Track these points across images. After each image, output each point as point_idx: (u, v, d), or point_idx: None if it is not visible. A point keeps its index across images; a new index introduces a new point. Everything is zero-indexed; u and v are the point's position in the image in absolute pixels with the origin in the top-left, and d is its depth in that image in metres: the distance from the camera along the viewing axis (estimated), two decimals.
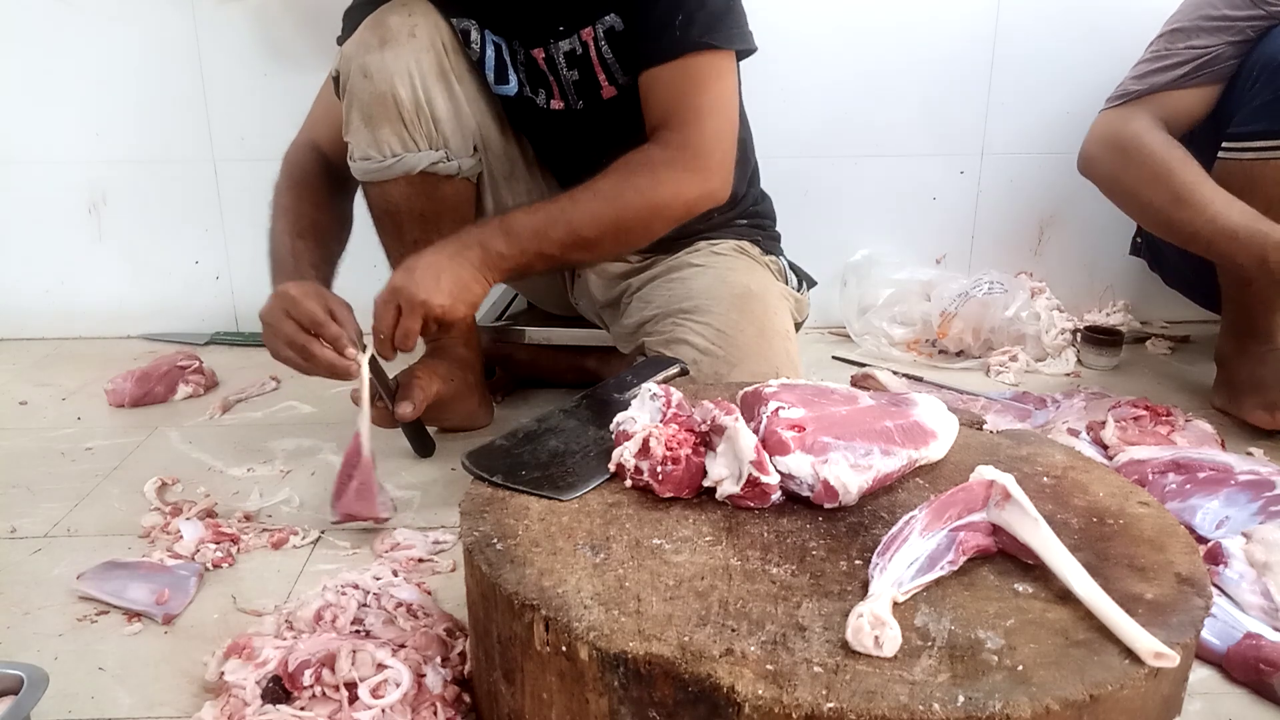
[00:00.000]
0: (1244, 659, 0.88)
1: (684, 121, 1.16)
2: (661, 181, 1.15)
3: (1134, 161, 1.37)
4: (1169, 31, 1.40)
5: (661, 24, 1.15)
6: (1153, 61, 1.40)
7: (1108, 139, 1.41)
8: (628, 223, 1.16)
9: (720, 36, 1.17)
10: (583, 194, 1.15)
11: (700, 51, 1.16)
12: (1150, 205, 1.36)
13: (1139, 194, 1.38)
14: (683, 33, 1.15)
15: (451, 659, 0.87)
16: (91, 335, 1.91)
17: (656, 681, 0.62)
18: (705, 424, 0.81)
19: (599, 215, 1.14)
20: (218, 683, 0.86)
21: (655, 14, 1.16)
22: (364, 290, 1.18)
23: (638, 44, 1.19)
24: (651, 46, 1.17)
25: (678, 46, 1.16)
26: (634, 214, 1.16)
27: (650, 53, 1.17)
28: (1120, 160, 1.39)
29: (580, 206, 1.14)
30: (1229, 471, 1.15)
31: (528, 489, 0.83)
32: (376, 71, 1.18)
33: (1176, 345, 1.80)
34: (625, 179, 1.15)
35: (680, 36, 1.15)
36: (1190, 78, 1.36)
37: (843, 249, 1.87)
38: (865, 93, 1.79)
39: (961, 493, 0.73)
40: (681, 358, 1.19)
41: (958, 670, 0.61)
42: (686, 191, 1.16)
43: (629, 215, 1.15)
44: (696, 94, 1.16)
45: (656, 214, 1.17)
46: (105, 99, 1.78)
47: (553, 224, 1.13)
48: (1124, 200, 1.43)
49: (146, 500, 1.22)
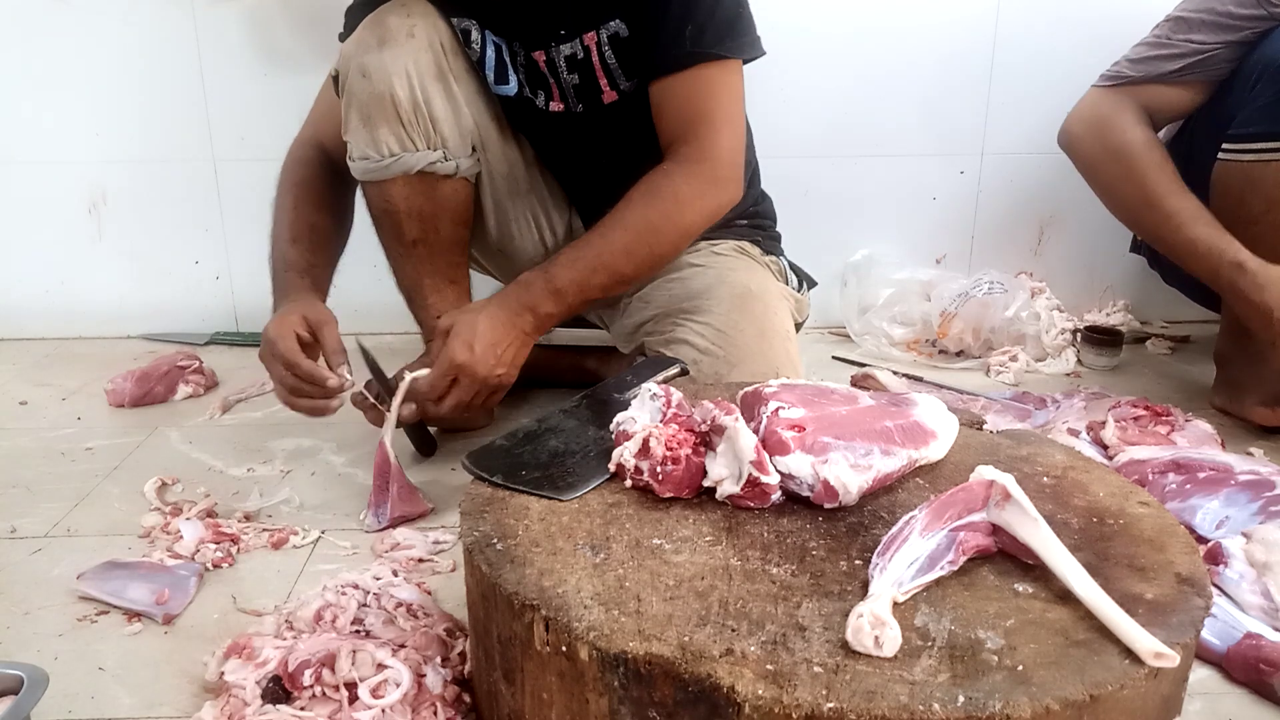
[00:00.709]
0: (1244, 659, 0.88)
1: (699, 135, 1.18)
2: (686, 202, 1.17)
3: (1113, 155, 1.40)
4: (1173, 19, 1.40)
5: (672, 33, 1.16)
6: (1152, 48, 1.40)
7: (1093, 122, 1.43)
8: (661, 250, 1.20)
9: (731, 46, 1.18)
10: (614, 231, 1.16)
11: (711, 62, 1.17)
12: (1123, 201, 1.41)
13: (1112, 188, 1.42)
14: (694, 43, 1.16)
15: (451, 659, 0.87)
16: (91, 335, 1.91)
17: (656, 681, 0.62)
18: (705, 424, 0.81)
19: (634, 251, 1.17)
20: (218, 683, 0.86)
21: (665, 22, 1.16)
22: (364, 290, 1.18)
23: (647, 53, 1.19)
24: (662, 56, 1.18)
25: (689, 57, 1.17)
26: (666, 240, 1.19)
27: (661, 62, 1.18)
28: (1100, 149, 1.42)
29: (615, 245, 1.16)
30: (1229, 471, 1.15)
31: (528, 489, 0.83)
32: (375, 71, 1.18)
33: (1176, 345, 1.80)
34: (651, 205, 1.16)
35: (692, 47, 1.16)
36: (1184, 74, 1.37)
37: (843, 249, 1.87)
38: (865, 93, 1.79)
39: (961, 493, 0.73)
40: (682, 358, 1.19)
41: (958, 670, 0.61)
42: (709, 205, 1.20)
43: (662, 243, 1.19)
44: (710, 105, 1.18)
45: (684, 233, 1.20)
46: (105, 99, 1.78)
47: (594, 272, 1.16)
48: (1098, 186, 1.47)
49: (146, 500, 1.22)
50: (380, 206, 1.27)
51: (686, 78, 1.17)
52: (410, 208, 1.25)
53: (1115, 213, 1.48)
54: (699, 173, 1.18)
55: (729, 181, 1.20)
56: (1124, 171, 1.38)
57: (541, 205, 1.36)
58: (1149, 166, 1.35)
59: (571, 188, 1.38)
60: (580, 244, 1.18)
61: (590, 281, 1.16)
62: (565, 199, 1.39)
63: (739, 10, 1.19)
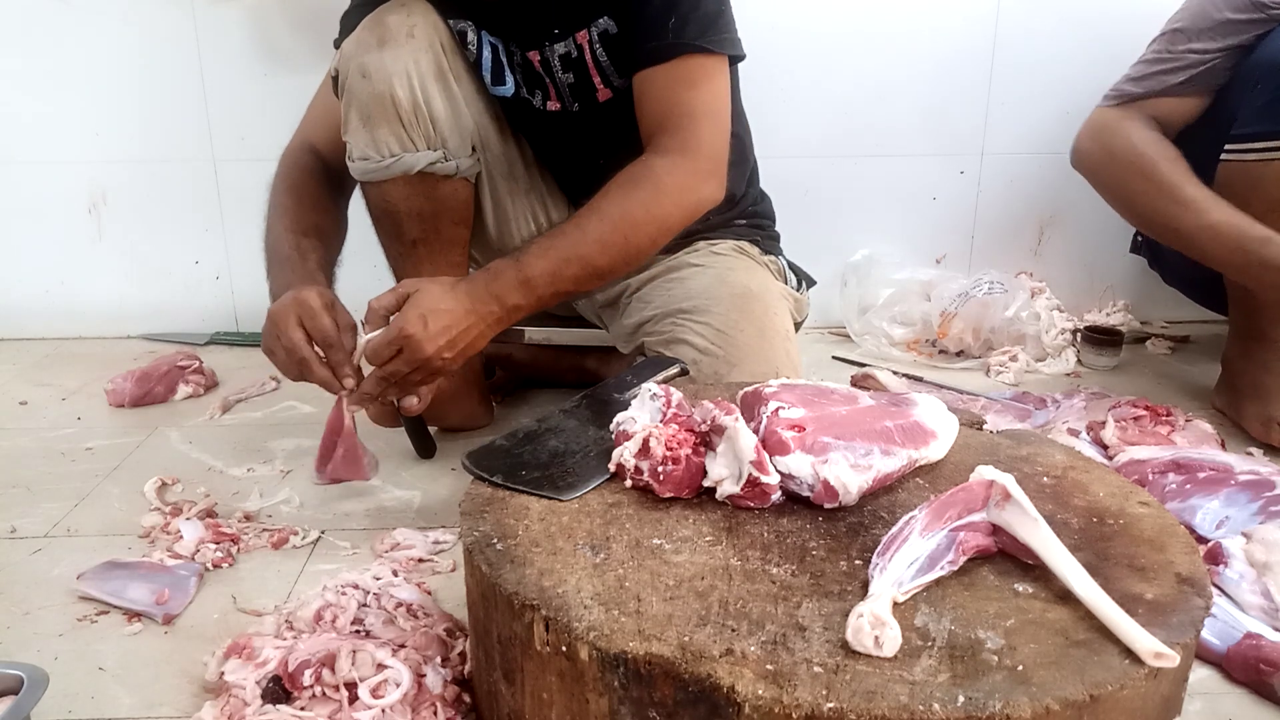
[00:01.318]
0: (1244, 659, 0.88)
1: (679, 125, 1.16)
2: (665, 193, 1.14)
3: (1123, 156, 1.38)
4: (1170, 32, 1.40)
5: (655, 26, 1.15)
6: (1152, 64, 1.40)
7: (1100, 134, 1.42)
8: (637, 242, 1.15)
9: (713, 40, 1.17)
10: (590, 220, 1.13)
11: (694, 54, 1.16)
12: (1137, 200, 1.39)
13: (1127, 187, 1.40)
14: (676, 35, 1.15)
15: (451, 659, 0.87)
16: (91, 335, 1.91)
17: (656, 681, 0.62)
18: (705, 424, 0.81)
19: (609, 241, 1.13)
20: (218, 683, 0.86)
21: (648, 16, 1.16)
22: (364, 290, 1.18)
23: (632, 46, 1.19)
24: (645, 48, 1.17)
25: (671, 49, 1.16)
26: (643, 233, 1.15)
27: (644, 54, 1.17)
28: (1110, 155, 1.40)
29: (590, 236, 1.12)
30: (1229, 471, 1.15)
31: (528, 489, 0.83)
32: (375, 71, 1.18)
33: (1176, 345, 1.80)
34: (628, 194, 1.13)
35: (674, 39, 1.15)
36: (1188, 85, 1.37)
37: (843, 249, 1.87)
38: (866, 93, 1.79)
39: (961, 493, 0.73)
40: (681, 358, 1.19)
41: (958, 670, 0.61)
42: (688, 198, 1.16)
43: (639, 235, 1.14)
44: (691, 96, 1.16)
45: (663, 226, 1.16)
46: (105, 99, 1.78)
47: (566, 263, 1.12)
48: (1112, 194, 1.45)
49: (146, 500, 1.22)
50: (380, 207, 1.27)
51: (668, 69, 1.16)
52: (410, 208, 1.25)
53: (1131, 214, 1.46)
54: (679, 165, 1.15)
55: (710, 175, 1.17)
56: (1136, 170, 1.36)
57: (540, 204, 1.36)
58: (1161, 159, 1.34)
59: (570, 186, 1.38)
60: (555, 233, 1.15)
61: (563, 273, 1.12)
62: (564, 198, 1.39)
63: (720, 8, 1.19)
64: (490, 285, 1.11)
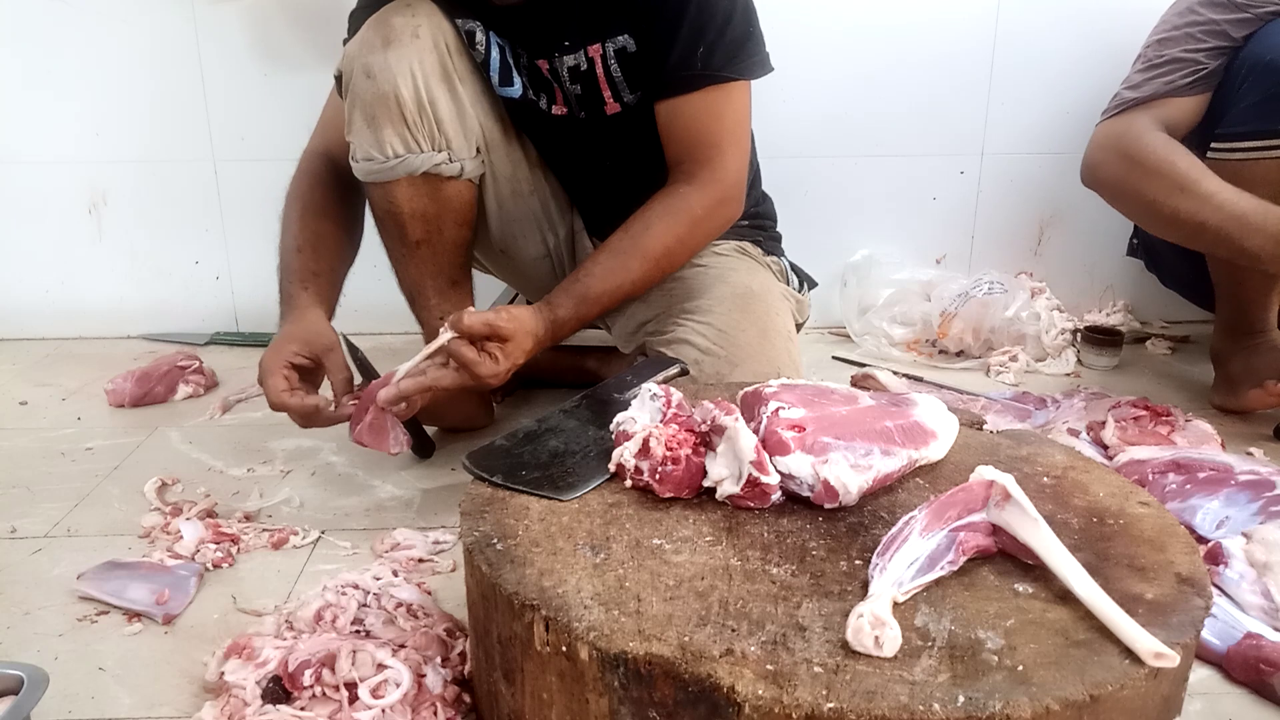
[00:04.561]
0: (1244, 659, 0.88)
1: (710, 158, 1.20)
2: (698, 224, 1.22)
3: (1136, 159, 1.37)
4: (1155, 42, 1.41)
5: (682, 54, 1.16)
6: (1144, 71, 1.40)
7: (1108, 143, 1.41)
8: (671, 270, 1.26)
9: (740, 67, 1.19)
10: (634, 261, 1.19)
11: (721, 84, 1.18)
12: (1155, 200, 1.35)
13: (1144, 190, 1.36)
14: (704, 64, 1.16)
15: (451, 659, 0.87)
16: (91, 335, 1.91)
17: (656, 681, 0.62)
18: (705, 424, 0.81)
19: (651, 276, 1.22)
20: (218, 683, 0.86)
21: (676, 42, 1.16)
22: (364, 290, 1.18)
23: (656, 72, 1.19)
24: (671, 77, 1.18)
25: (699, 79, 1.17)
26: (678, 262, 1.25)
27: (670, 83, 1.19)
28: (1123, 160, 1.39)
29: (634, 274, 1.20)
30: (1229, 471, 1.15)
31: (528, 489, 0.83)
32: (379, 71, 1.18)
33: (1176, 345, 1.80)
34: (670, 231, 1.20)
35: (702, 68, 1.17)
36: (1181, 85, 1.37)
37: (843, 249, 1.87)
38: (865, 93, 1.79)
39: (961, 493, 0.73)
40: (682, 358, 1.19)
41: (958, 670, 0.61)
42: (716, 225, 1.25)
43: (674, 264, 1.25)
44: (718, 128, 1.20)
45: (692, 252, 1.27)
46: (105, 99, 1.78)
47: (611, 299, 1.20)
48: (1129, 200, 1.42)
49: (146, 500, 1.22)
50: (384, 207, 1.26)
51: (695, 99, 1.18)
52: (414, 209, 1.24)
53: (1152, 219, 1.41)
54: (710, 194, 1.21)
55: (735, 201, 1.25)
56: (1152, 170, 1.34)
57: (544, 206, 1.36)
58: (1175, 155, 1.33)
59: (574, 189, 1.38)
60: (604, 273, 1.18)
61: (604, 305, 1.21)
62: (567, 200, 1.39)
63: (749, 30, 1.19)
64: (556, 331, 1.17)
